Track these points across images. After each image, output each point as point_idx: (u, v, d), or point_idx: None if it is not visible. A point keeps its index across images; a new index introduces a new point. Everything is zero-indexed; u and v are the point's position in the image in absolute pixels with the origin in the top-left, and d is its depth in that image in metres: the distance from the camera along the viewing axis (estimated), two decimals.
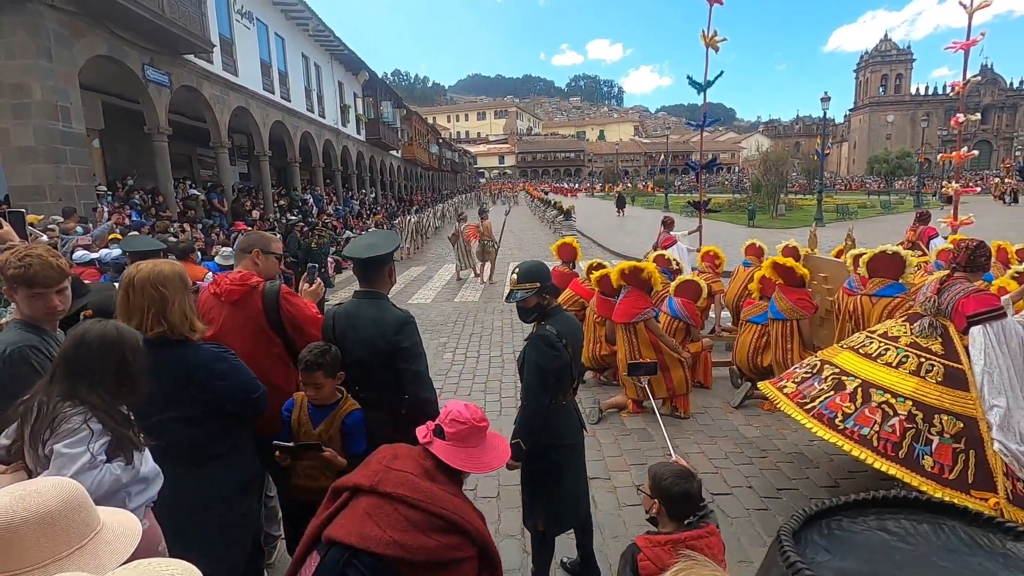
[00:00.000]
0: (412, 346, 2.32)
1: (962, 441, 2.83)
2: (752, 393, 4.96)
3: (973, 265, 3.16)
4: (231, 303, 2.41)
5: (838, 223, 21.80)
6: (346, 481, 1.57)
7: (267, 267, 2.59)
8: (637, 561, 1.91)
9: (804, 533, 0.76)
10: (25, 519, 0.89)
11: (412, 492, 1.47)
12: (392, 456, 1.60)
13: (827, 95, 22.24)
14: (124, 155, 13.39)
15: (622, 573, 1.97)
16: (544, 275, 2.58)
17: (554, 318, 2.57)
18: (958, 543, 0.74)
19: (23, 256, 1.85)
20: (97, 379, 1.56)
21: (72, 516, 0.95)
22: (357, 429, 2.32)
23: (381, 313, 2.36)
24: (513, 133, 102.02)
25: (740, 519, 3.34)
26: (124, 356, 1.60)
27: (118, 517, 1.08)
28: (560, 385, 2.55)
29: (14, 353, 1.80)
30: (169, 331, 1.92)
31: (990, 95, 70.70)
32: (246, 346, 2.32)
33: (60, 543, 0.92)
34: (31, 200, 8.17)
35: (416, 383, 2.32)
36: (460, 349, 7.09)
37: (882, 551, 0.73)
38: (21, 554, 0.88)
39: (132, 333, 1.67)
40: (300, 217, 14.90)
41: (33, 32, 8.06)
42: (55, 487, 0.96)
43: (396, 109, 30.65)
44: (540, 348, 2.48)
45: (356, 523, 1.43)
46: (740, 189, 44.11)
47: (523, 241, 19.65)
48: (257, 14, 15.73)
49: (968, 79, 6.62)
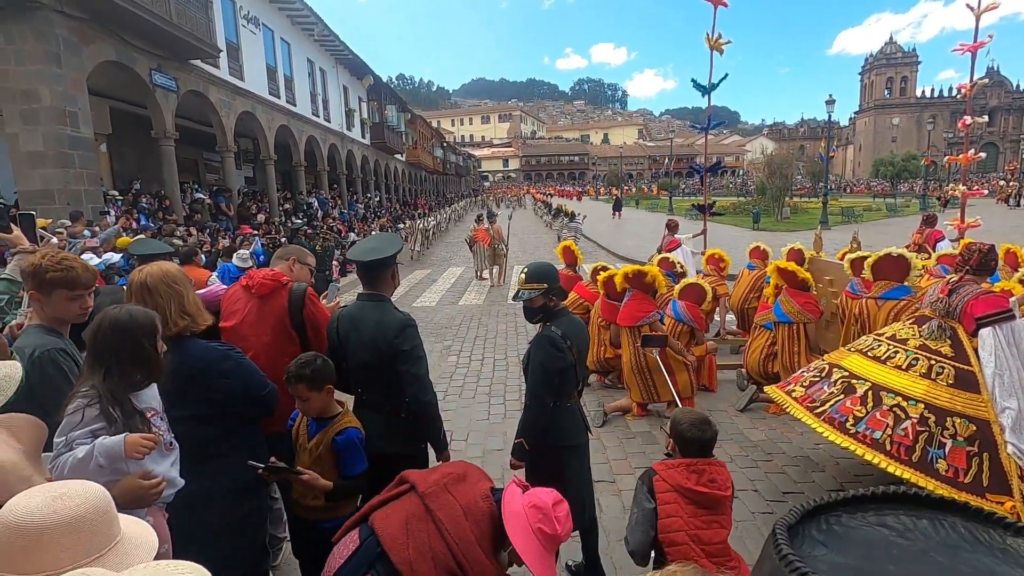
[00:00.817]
0: (412, 349, 2.32)
1: (976, 444, 2.80)
2: (757, 396, 4.94)
3: (983, 268, 3.15)
4: (260, 297, 2.52)
5: (843, 226, 21.71)
6: (412, 476, 1.60)
7: (300, 274, 2.72)
8: (653, 481, 2.17)
9: (802, 528, 0.76)
10: (56, 522, 0.90)
11: (451, 526, 1.46)
12: (458, 478, 1.58)
13: (832, 98, 22.15)
14: (131, 159, 13.51)
15: (639, 492, 2.20)
16: (552, 276, 2.60)
17: (559, 319, 2.58)
18: (957, 539, 0.74)
19: (61, 259, 1.92)
20: (112, 364, 1.60)
21: (98, 522, 0.95)
22: (349, 450, 2.16)
23: (383, 316, 2.38)
24: (517, 136, 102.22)
25: (745, 522, 3.33)
26: (136, 340, 1.63)
27: (136, 528, 1.09)
28: (564, 386, 2.55)
29: (43, 356, 1.84)
30: (192, 323, 1.97)
31: (997, 97, 70.38)
32: (265, 340, 2.40)
33: (84, 549, 0.92)
34: (39, 204, 8.24)
35: (415, 386, 2.33)
36: (464, 352, 7.10)
37: (880, 546, 0.73)
38: (48, 557, 0.88)
39: (146, 316, 1.70)
40: (305, 221, 14.97)
41: (42, 39, 8.16)
42: (85, 492, 0.97)
43: (400, 113, 30.80)
44: (545, 349, 2.48)
45: (395, 524, 1.47)
46: (744, 192, 44.01)
47: (527, 244, 19.67)
48: (263, 19, 15.86)
49: (975, 81, 6.59)
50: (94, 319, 1.68)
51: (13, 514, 0.89)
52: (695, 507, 2.09)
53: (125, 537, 1.01)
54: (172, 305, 1.94)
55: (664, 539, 2.07)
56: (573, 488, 2.57)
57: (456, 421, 4.91)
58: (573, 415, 2.65)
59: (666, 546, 2.07)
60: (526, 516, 1.54)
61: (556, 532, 1.57)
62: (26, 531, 0.88)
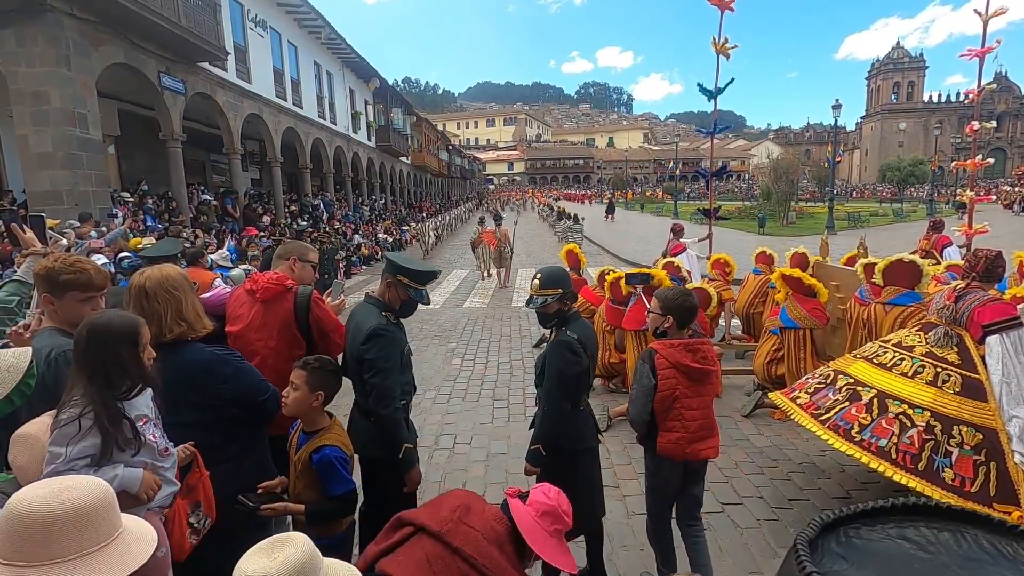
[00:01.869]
0: (376, 359, 2.28)
1: (983, 453, 2.78)
2: (763, 402, 4.91)
3: (990, 275, 3.12)
4: (264, 301, 2.49)
5: (849, 231, 21.61)
6: (413, 517, 1.55)
7: (303, 274, 2.67)
8: (655, 360, 2.47)
9: (821, 541, 0.74)
10: (62, 512, 0.94)
11: (479, 555, 1.44)
12: (465, 509, 1.56)
13: (838, 102, 22.11)
14: (139, 161, 13.60)
15: (640, 371, 2.51)
16: (566, 281, 2.60)
17: (573, 324, 2.57)
18: (980, 552, 0.72)
19: (74, 262, 1.93)
20: (94, 371, 1.58)
21: (102, 514, 1.00)
22: (324, 469, 2.03)
23: (363, 319, 2.39)
24: (522, 140, 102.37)
25: (750, 529, 3.29)
26: (112, 348, 1.60)
27: (136, 523, 1.12)
28: (580, 390, 2.56)
29: (59, 357, 1.84)
30: (189, 329, 1.95)
31: (1004, 103, 70.02)
32: (272, 344, 2.38)
33: (89, 539, 0.97)
34: (48, 205, 8.31)
35: (374, 395, 2.29)
36: (468, 355, 7.09)
37: (901, 560, 0.71)
38: (54, 546, 0.93)
39: (124, 324, 1.66)
40: (311, 223, 15.02)
41: (53, 41, 8.22)
42: (88, 484, 1.01)
43: (406, 116, 30.91)
44: (563, 354, 2.46)
45: (413, 567, 1.42)
46: (750, 196, 43.88)
47: (532, 248, 19.65)
48: (271, 23, 15.96)
49: (983, 87, 6.55)
50: (80, 325, 1.67)
51: (22, 504, 0.94)
52: (688, 380, 2.46)
53: (127, 529, 1.05)
54: (169, 311, 1.93)
55: (658, 408, 2.46)
56: (584, 491, 2.56)
57: (460, 424, 4.90)
58: (586, 418, 2.64)
59: (659, 415, 2.47)
60: (540, 526, 1.55)
61: (567, 524, 1.61)
62: (33, 520, 0.92)
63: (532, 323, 8.73)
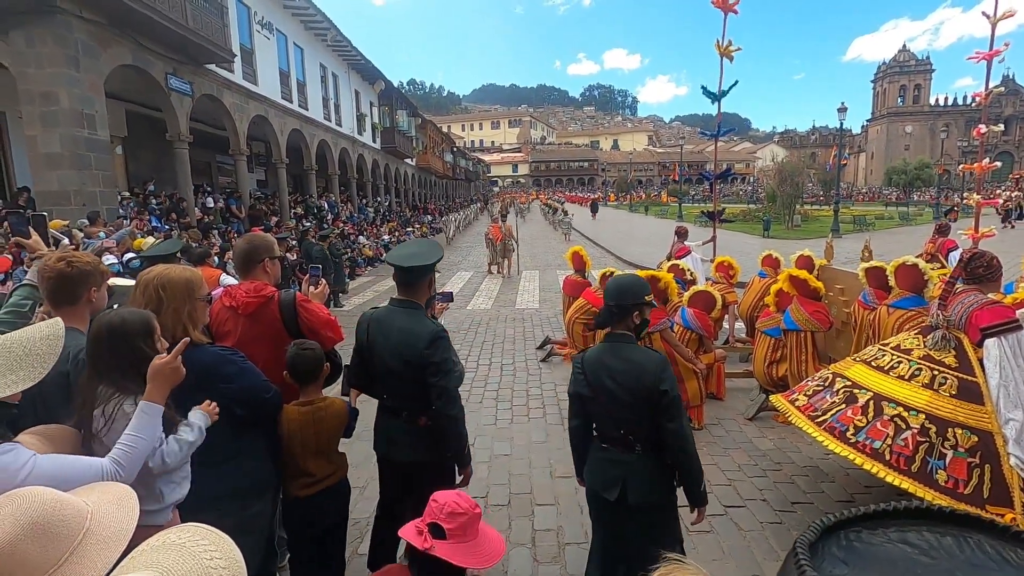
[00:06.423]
0: (442, 361, 2.27)
1: (977, 455, 2.77)
2: (766, 405, 4.88)
3: (972, 276, 3.09)
4: (247, 315, 2.39)
5: (855, 234, 21.51)
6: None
7: (275, 271, 2.58)
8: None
9: (822, 545, 0.73)
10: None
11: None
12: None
13: (844, 105, 22.01)
14: (146, 162, 13.66)
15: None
16: (646, 288, 2.28)
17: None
18: (984, 558, 0.71)
19: (70, 260, 1.96)
20: (118, 366, 1.63)
21: (35, 542, 0.88)
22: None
23: (413, 324, 2.33)
24: (527, 142, 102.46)
25: (753, 532, 3.28)
26: (131, 343, 1.65)
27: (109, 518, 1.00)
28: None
29: (83, 355, 1.85)
30: (194, 330, 1.96)
31: (1012, 106, 69.64)
32: (267, 355, 2.32)
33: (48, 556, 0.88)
34: (56, 205, 8.37)
35: (443, 399, 2.29)
36: (472, 357, 7.09)
37: (903, 565, 0.71)
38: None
39: (138, 318, 1.71)
40: (315, 222, 15.05)
41: (61, 42, 8.29)
42: (18, 506, 0.90)
43: (411, 118, 30.97)
44: (669, 375, 2.11)
45: None
46: (755, 199, 43.74)
47: (536, 250, 19.63)
48: (277, 25, 16.04)
49: (991, 90, 6.50)
50: (92, 325, 1.69)
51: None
52: None
53: (91, 532, 0.94)
54: (148, 307, 1.91)
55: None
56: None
57: None
58: None
59: None
60: (453, 553, 1.42)
61: (466, 511, 1.46)
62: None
63: (535, 325, 8.73)
